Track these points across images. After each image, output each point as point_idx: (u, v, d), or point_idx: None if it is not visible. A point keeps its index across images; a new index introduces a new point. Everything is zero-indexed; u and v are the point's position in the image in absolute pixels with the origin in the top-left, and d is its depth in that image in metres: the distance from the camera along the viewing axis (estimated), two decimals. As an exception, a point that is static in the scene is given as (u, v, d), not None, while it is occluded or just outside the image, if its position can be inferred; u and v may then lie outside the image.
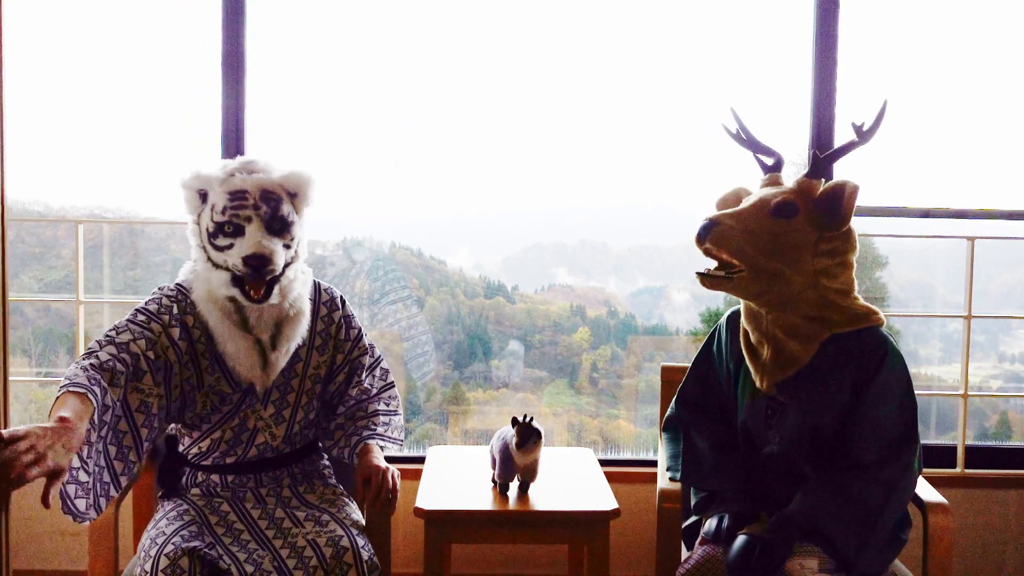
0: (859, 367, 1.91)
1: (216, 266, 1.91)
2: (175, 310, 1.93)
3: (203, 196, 1.93)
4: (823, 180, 1.96)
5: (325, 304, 2.13)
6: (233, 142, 2.87)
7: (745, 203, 1.96)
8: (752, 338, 2.00)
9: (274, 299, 1.92)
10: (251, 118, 2.89)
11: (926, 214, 2.95)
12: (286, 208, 1.92)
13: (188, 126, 3.03)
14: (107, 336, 1.84)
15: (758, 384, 1.98)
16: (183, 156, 3.06)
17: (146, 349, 1.84)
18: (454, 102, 3.24)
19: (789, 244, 1.88)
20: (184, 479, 2.08)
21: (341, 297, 2.17)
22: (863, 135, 1.94)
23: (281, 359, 1.98)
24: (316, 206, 2.04)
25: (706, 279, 1.93)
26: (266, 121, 2.98)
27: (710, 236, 1.87)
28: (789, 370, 1.94)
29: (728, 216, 1.90)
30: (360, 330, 2.18)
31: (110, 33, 3.05)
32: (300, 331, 2.00)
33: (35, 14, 3.00)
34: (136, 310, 1.93)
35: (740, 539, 1.84)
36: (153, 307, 1.93)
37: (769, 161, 2.07)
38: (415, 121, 3.24)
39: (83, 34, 3.06)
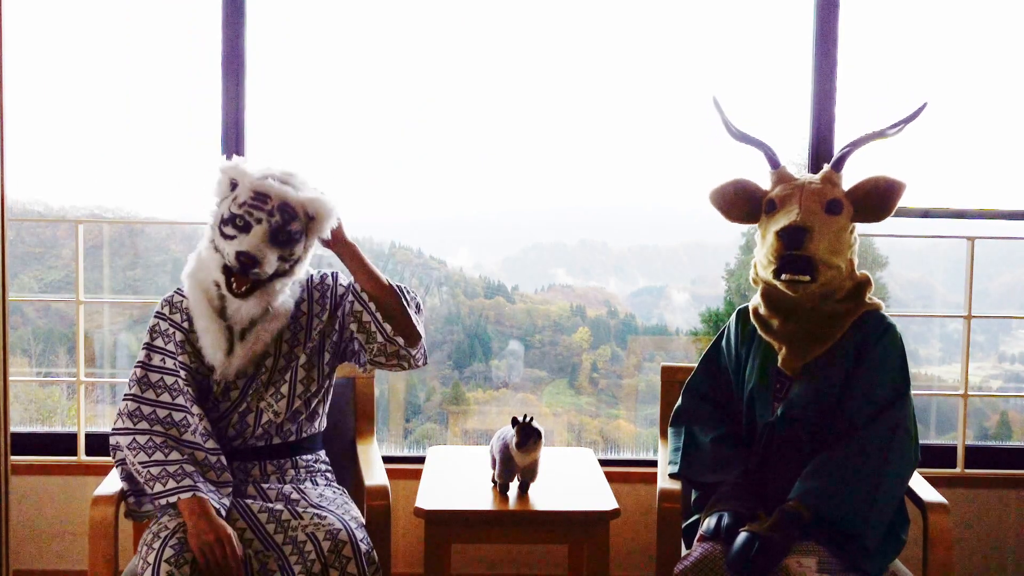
0: (862, 340, 2.01)
1: (216, 249, 1.99)
2: (177, 336, 2.04)
3: (233, 185, 2.00)
4: (832, 171, 2.06)
5: (317, 288, 2.16)
6: (233, 142, 2.87)
7: (795, 204, 2.00)
8: (777, 327, 2.06)
9: (252, 303, 1.98)
10: (251, 118, 2.89)
11: (926, 214, 2.95)
12: (297, 226, 1.99)
13: (188, 126, 3.04)
14: (155, 405, 2.00)
15: (786, 368, 2.04)
16: (183, 156, 3.06)
17: (185, 400, 2.01)
18: (454, 102, 3.24)
19: (843, 240, 2.01)
20: None
21: (333, 273, 2.19)
22: (883, 132, 2.07)
23: (247, 351, 2.02)
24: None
25: (792, 285, 1.97)
26: (266, 121, 2.98)
27: (805, 244, 1.94)
28: (821, 349, 2.02)
29: (807, 219, 1.96)
30: (360, 295, 2.11)
31: (110, 33, 3.05)
32: (272, 331, 2.05)
33: (35, 14, 3.00)
34: (144, 367, 2.04)
35: (740, 536, 1.84)
36: (157, 360, 2.05)
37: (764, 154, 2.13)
38: (415, 121, 3.24)
39: (83, 34, 3.06)
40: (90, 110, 3.08)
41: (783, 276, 1.96)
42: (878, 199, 2.01)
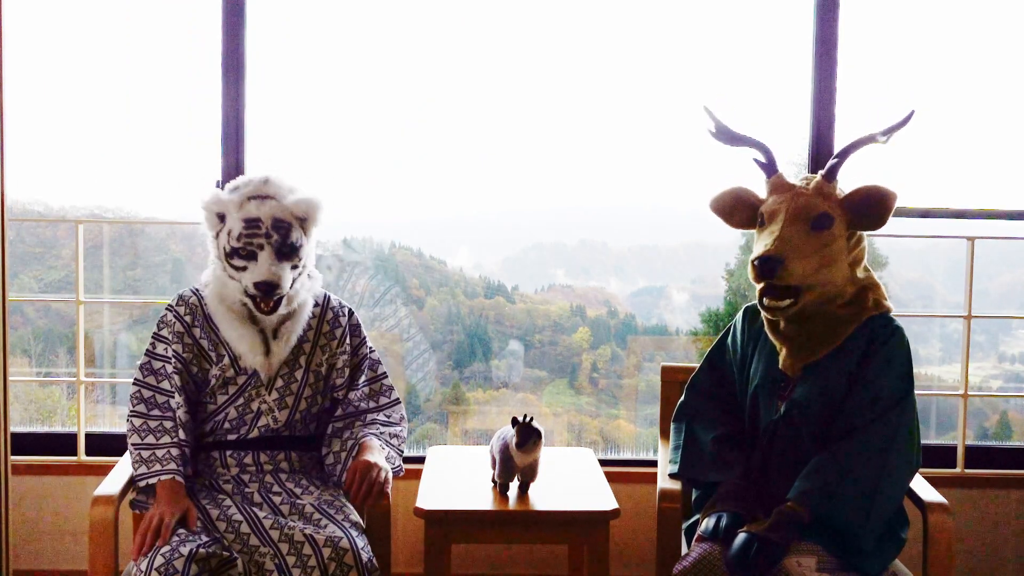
0: (869, 342, 2.00)
1: (232, 278, 2.09)
2: (177, 326, 2.12)
3: (221, 217, 2.10)
4: (837, 181, 2.04)
5: (332, 309, 2.25)
6: (233, 142, 2.87)
7: (777, 225, 1.98)
8: (783, 327, 2.05)
9: (282, 310, 2.09)
10: (251, 118, 2.89)
11: (926, 214, 2.95)
12: (295, 235, 2.09)
13: (188, 126, 3.03)
14: (149, 393, 2.09)
15: (786, 369, 2.04)
16: (183, 156, 3.06)
17: (176, 399, 2.08)
18: (454, 102, 3.24)
19: (833, 252, 1.98)
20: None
21: (350, 310, 2.29)
22: (875, 136, 2.05)
23: (283, 347, 2.12)
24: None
25: (771, 311, 1.99)
26: (266, 121, 2.98)
27: (779, 274, 1.93)
28: (821, 352, 2.02)
29: (781, 247, 1.94)
30: (364, 340, 2.29)
31: (110, 33, 3.05)
32: (301, 321, 2.15)
33: (35, 14, 3.00)
34: (149, 355, 2.12)
35: (739, 537, 1.85)
36: (161, 348, 2.12)
37: (761, 157, 2.10)
38: (415, 121, 3.24)
39: (83, 34, 3.06)
40: (90, 110, 3.08)
41: (764, 302, 1.98)
42: (871, 210, 1.98)
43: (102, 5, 3.05)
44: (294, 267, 2.08)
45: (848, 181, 2.07)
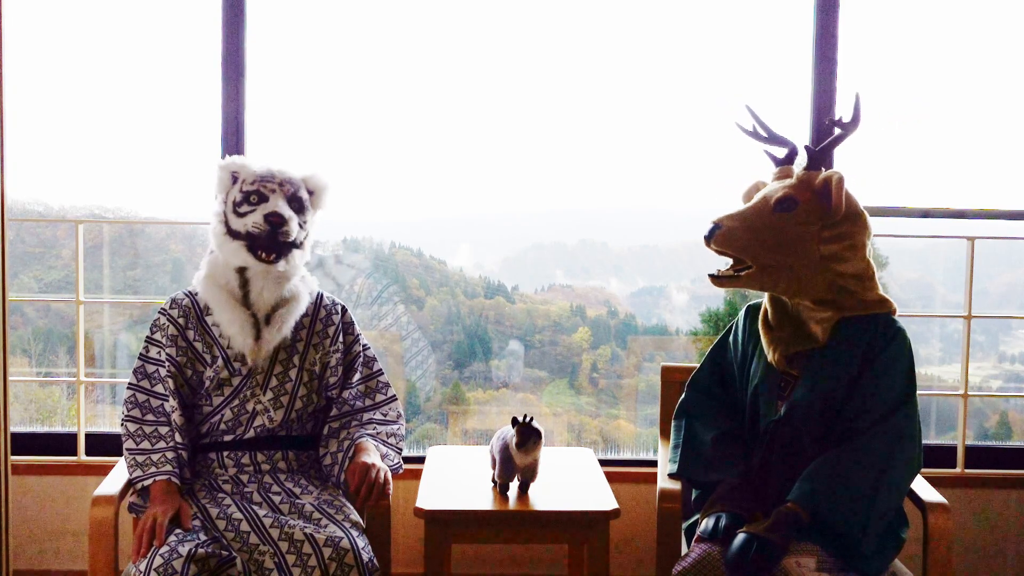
0: (870, 344, 1.99)
1: (234, 236, 2.09)
2: (171, 329, 2.13)
3: (234, 178, 2.13)
4: (822, 171, 2.04)
5: (325, 307, 2.25)
6: (233, 142, 2.87)
7: (752, 200, 2.05)
8: (771, 316, 2.08)
9: (280, 267, 2.08)
10: (251, 118, 2.89)
11: (926, 214, 2.95)
12: (304, 194, 2.14)
13: (188, 126, 3.03)
14: (143, 398, 2.10)
15: (770, 357, 2.06)
16: (183, 156, 3.06)
17: (172, 401, 2.09)
18: (454, 102, 3.24)
19: (792, 236, 1.97)
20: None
21: (343, 307, 2.29)
22: (846, 127, 2.06)
23: (274, 335, 2.11)
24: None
25: (717, 280, 2.05)
26: (266, 121, 2.98)
27: (714, 238, 1.98)
28: (803, 347, 2.02)
29: (731, 217, 2.00)
30: (358, 338, 2.28)
31: (110, 33, 3.05)
32: (295, 313, 2.15)
33: (35, 14, 3.00)
34: (142, 359, 2.14)
35: (739, 537, 1.85)
36: (154, 352, 2.13)
37: (781, 153, 2.13)
38: (415, 121, 3.24)
39: (83, 34, 3.06)
40: (90, 110, 3.08)
41: (716, 271, 2.05)
42: (821, 190, 1.98)
43: (102, 5, 3.05)
44: (300, 225, 2.11)
45: (850, 184, 2.07)
